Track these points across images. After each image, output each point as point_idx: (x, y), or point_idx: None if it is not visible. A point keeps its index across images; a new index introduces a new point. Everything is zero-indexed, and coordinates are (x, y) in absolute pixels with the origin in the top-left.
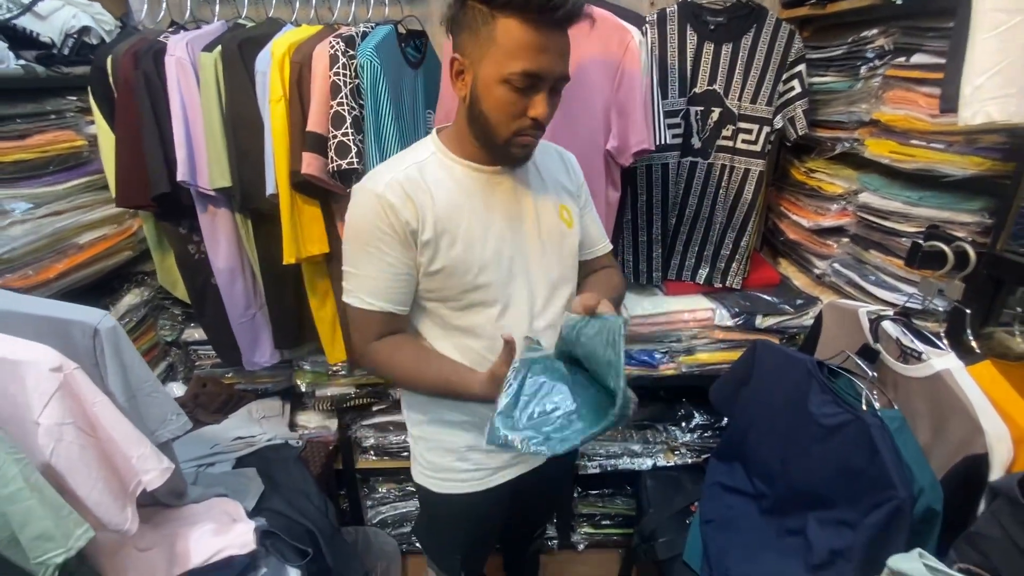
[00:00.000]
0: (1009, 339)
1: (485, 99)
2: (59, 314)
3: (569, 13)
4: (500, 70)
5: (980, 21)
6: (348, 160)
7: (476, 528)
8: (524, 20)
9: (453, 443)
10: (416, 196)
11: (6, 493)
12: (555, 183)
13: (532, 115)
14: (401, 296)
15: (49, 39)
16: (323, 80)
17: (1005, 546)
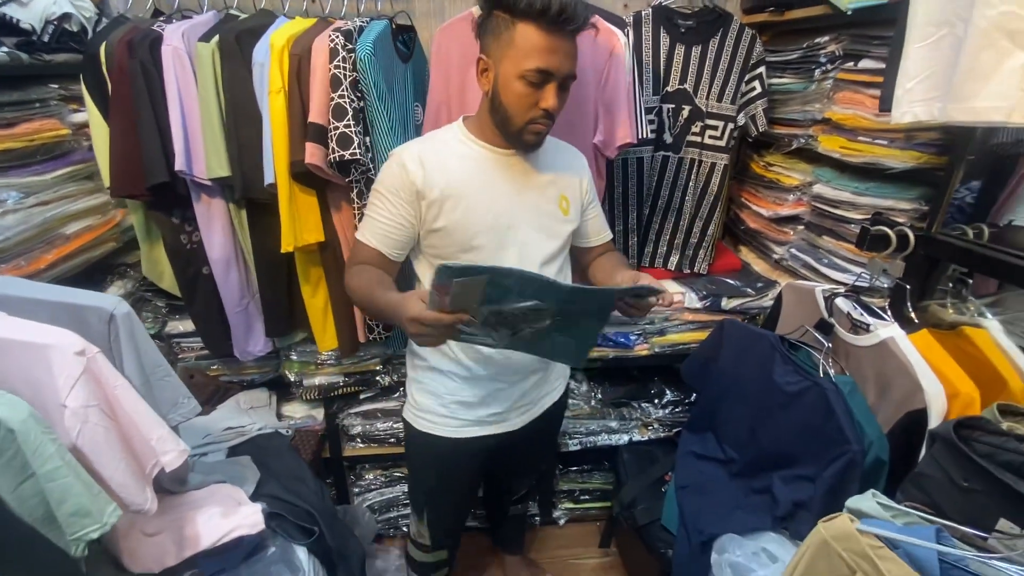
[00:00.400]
0: (941, 311)
1: (504, 92)
2: (74, 300)
3: (577, 24)
4: (518, 67)
5: (913, 33)
6: (351, 151)
7: (443, 472)
8: (539, 27)
9: (438, 389)
10: (428, 163)
11: (44, 471)
12: (562, 176)
13: (543, 106)
14: (392, 241)
15: (29, 26)
16: (323, 73)
17: (943, 483)
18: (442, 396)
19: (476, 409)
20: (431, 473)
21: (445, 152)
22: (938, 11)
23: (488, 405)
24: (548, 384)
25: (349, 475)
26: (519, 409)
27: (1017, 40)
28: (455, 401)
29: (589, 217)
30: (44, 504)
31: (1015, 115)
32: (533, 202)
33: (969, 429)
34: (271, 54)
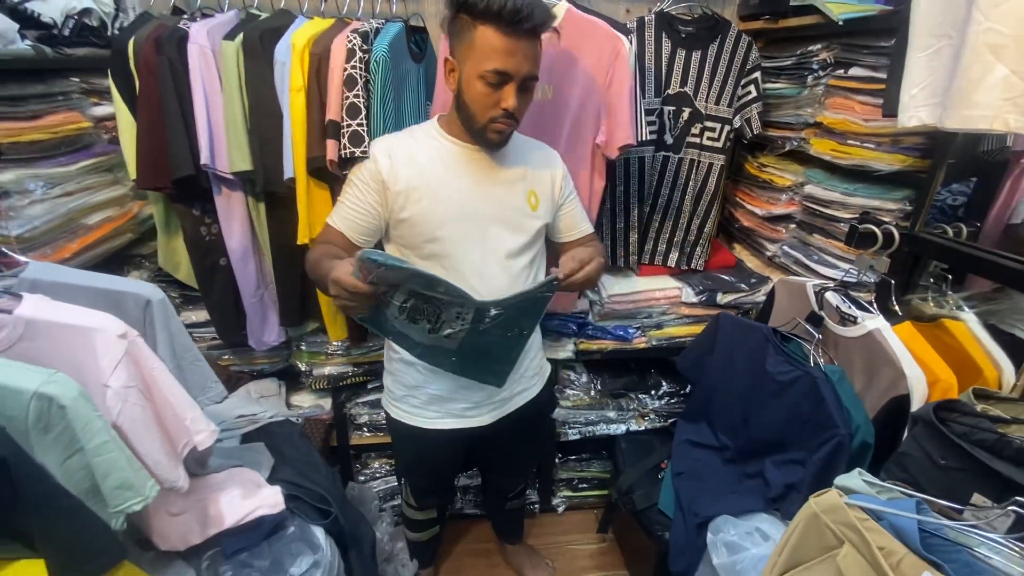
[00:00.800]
0: (923, 304)
1: (467, 92)
2: (113, 286)
3: (535, 25)
4: (477, 68)
5: (915, 43)
6: (361, 149)
7: (420, 455)
8: (497, 28)
9: (408, 380)
10: (396, 156)
11: (92, 445)
12: (532, 173)
13: (503, 106)
14: (357, 227)
15: (51, 19)
16: (340, 72)
17: (923, 461)
18: (413, 388)
19: (446, 403)
20: (409, 453)
21: (415, 147)
22: (936, 24)
23: (456, 400)
24: (520, 383)
25: (355, 463)
26: (488, 405)
27: (999, 54)
28: (425, 393)
29: (564, 212)
30: (90, 477)
31: (996, 123)
32: (500, 197)
33: (947, 411)
34: (292, 53)
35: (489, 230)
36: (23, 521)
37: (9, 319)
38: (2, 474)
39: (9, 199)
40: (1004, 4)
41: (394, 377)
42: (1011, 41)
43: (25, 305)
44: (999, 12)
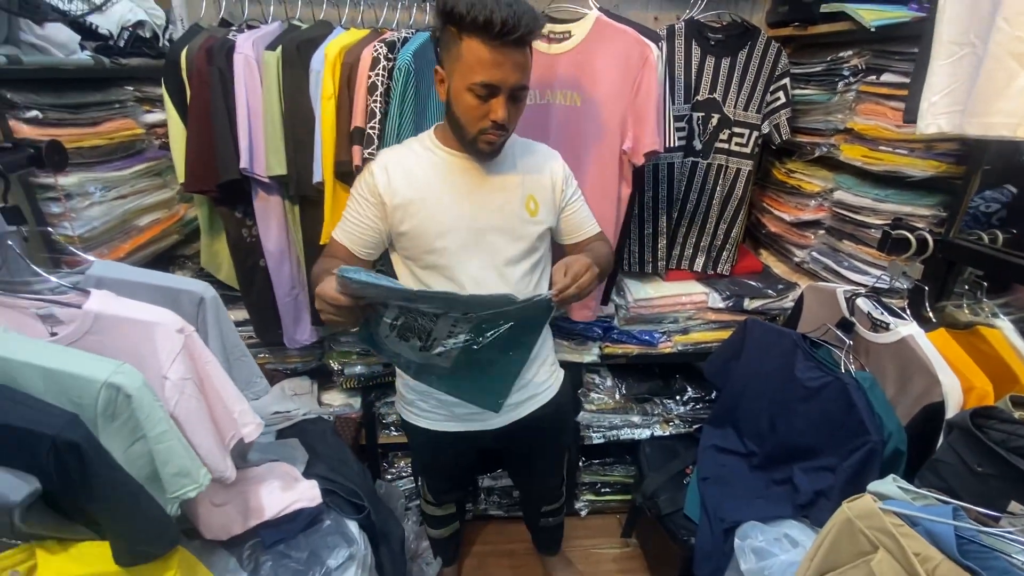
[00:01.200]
0: (958, 311)
1: (456, 104)
2: (170, 284)
3: (521, 35)
4: (465, 80)
5: (938, 50)
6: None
7: (433, 455)
8: (483, 41)
9: (417, 385)
10: (392, 170)
11: (154, 433)
12: (529, 178)
13: (492, 118)
14: (359, 240)
15: (107, 31)
16: (364, 80)
17: (959, 468)
18: (420, 393)
19: (451, 407)
20: (422, 454)
21: (411, 160)
22: (961, 31)
23: (461, 404)
24: (528, 389)
25: (382, 462)
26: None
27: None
28: (433, 397)
29: (567, 214)
30: (151, 464)
31: (1020, 130)
32: (497, 204)
33: (984, 418)
34: (325, 63)
35: (486, 238)
36: (91, 504)
37: (79, 313)
38: (76, 459)
39: (72, 201)
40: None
41: (403, 381)
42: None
43: (93, 301)
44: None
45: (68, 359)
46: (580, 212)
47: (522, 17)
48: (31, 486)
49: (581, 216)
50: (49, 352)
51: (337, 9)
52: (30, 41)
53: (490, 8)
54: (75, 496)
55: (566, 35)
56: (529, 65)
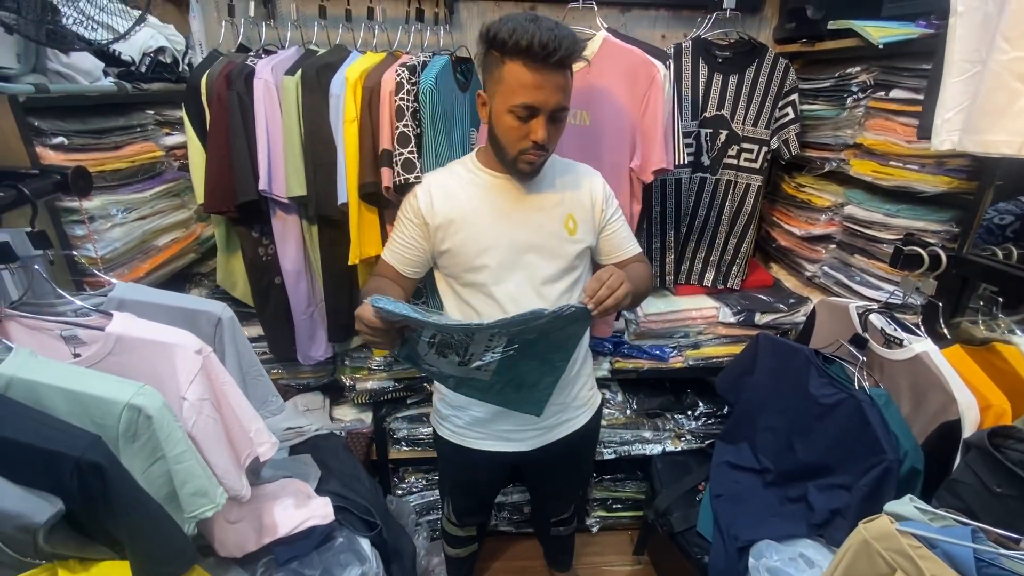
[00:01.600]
0: (973, 327)
1: (497, 125)
2: (188, 305)
3: (561, 58)
4: (506, 102)
5: (951, 68)
6: (415, 175)
7: (464, 474)
8: (524, 63)
9: (455, 401)
10: (435, 192)
11: (174, 454)
12: (569, 197)
13: (532, 139)
14: (405, 259)
15: (129, 58)
16: (390, 104)
17: (977, 489)
18: (459, 408)
19: (488, 424)
20: (452, 471)
21: (453, 181)
22: (972, 49)
23: (499, 422)
24: (565, 412)
25: (392, 477)
26: (531, 430)
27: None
28: (469, 415)
29: (607, 234)
30: (169, 484)
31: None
32: (537, 224)
33: (1002, 437)
34: (346, 87)
35: (525, 257)
36: (112, 525)
37: (101, 335)
38: (98, 479)
39: (94, 223)
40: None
41: (441, 396)
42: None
43: (115, 323)
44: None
45: (91, 381)
46: (620, 232)
47: (563, 40)
48: (55, 507)
49: (621, 236)
50: (73, 374)
51: (352, 33)
52: (56, 69)
53: (531, 32)
54: (97, 516)
55: None
56: (569, 87)
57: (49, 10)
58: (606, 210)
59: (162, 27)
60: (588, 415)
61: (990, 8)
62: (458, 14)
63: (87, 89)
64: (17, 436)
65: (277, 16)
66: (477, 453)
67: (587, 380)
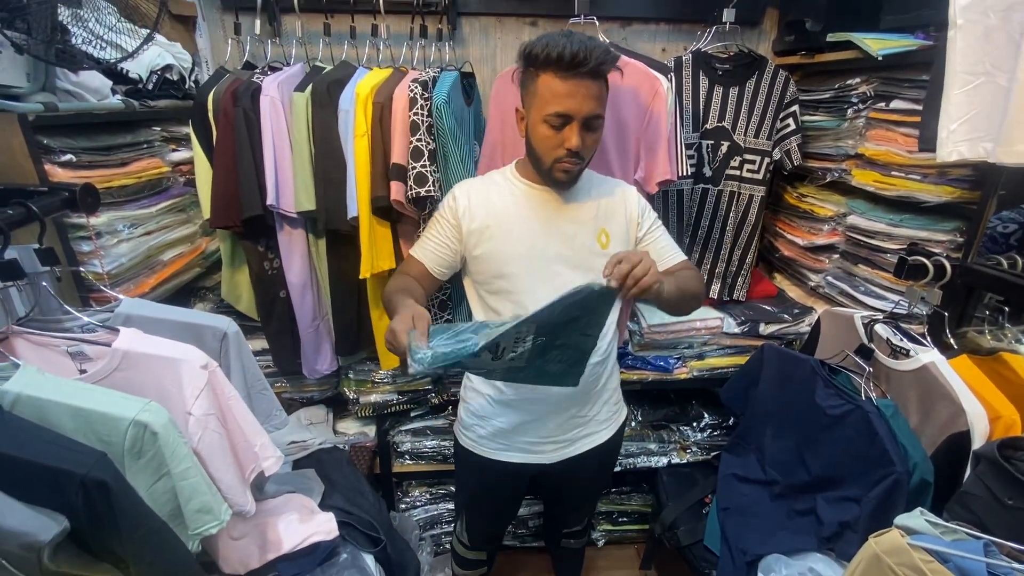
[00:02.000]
0: (980, 337)
1: (533, 136)
2: (194, 320)
3: (593, 68)
4: (541, 113)
5: (952, 80)
6: (426, 188)
7: (482, 487)
8: (556, 74)
9: (479, 410)
10: (474, 197)
11: (179, 470)
12: (603, 211)
13: (567, 146)
14: (436, 258)
15: (137, 75)
16: (404, 119)
17: (988, 501)
18: (482, 418)
19: (511, 436)
20: (472, 484)
21: (492, 189)
22: (974, 61)
23: (522, 433)
24: (588, 426)
25: (396, 491)
26: (553, 443)
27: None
28: (492, 425)
29: (646, 244)
30: (173, 500)
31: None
32: (569, 236)
33: (1012, 449)
34: (356, 102)
35: (555, 267)
36: (117, 542)
37: (107, 351)
38: (104, 497)
39: (101, 239)
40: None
41: (465, 405)
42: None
43: (121, 339)
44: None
45: (97, 397)
46: (660, 241)
47: (594, 50)
48: (60, 525)
49: (661, 245)
50: (79, 391)
51: (356, 49)
52: (65, 88)
53: (563, 44)
54: (102, 534)
55: None
56: (603, 96)
57: (59, 30)
58: (642, 223)
59: (169, 45)
60: (612, 430)
61: (991, 21)
62: (460, 29)
63: (95, 107)
64: (23, 454)
65: (282, 33)
66: (498, 464)
67: (612, 394)
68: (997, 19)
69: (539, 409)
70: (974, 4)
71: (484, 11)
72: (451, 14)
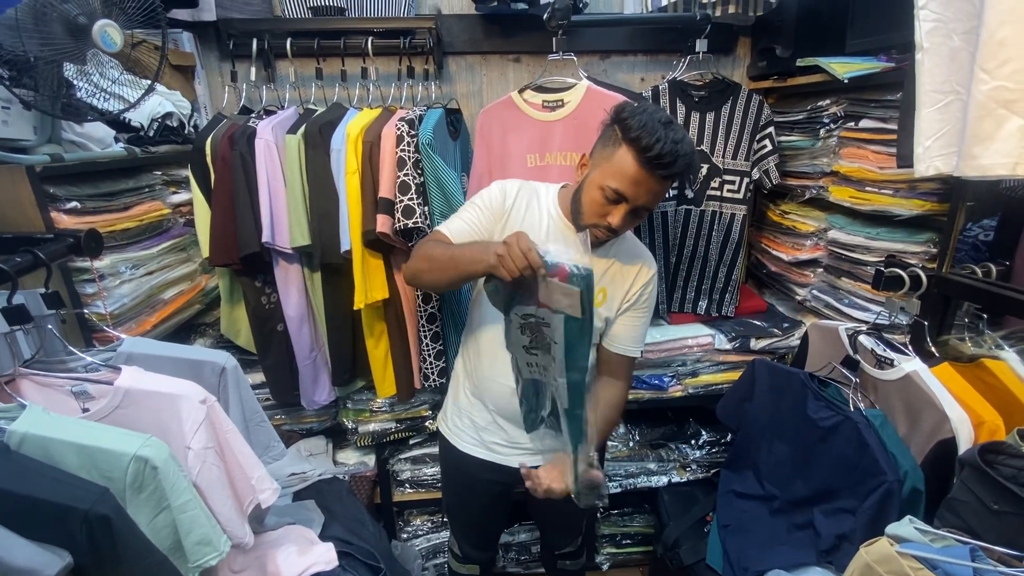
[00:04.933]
0: (960, 344)
1: (585, 192)
2: (193, 356)
3: (670, 172)
4: (603, 179)
5: (923, 100)
6: (413, 220)
7: (460, 485)
8: (637, 158)
9: (460, 402)
10: (518, 200)
11: (179, 503)
12: (614, 272)
13: (609, 220)
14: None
15: (139, 124)
16: (391, 155)
17: (975, 506)
18: (460, 410)
19: (481, 432)
20: (451, 483)
21: (534, 201)
22: (942, 81)
23: (490, 433)
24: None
25: (397, 520)
26: (518, 450)
27: (1013, 108)
28: (468, 418)
29: (621, 319)
30: (174, 534)
31: (1019, 168)
32: None
33: (993, 454)
34: (347, 142)
35: None
36: None
37: (110, 389)
38: (107, 532)
39: (104, 281)
40: (1008, 64)
41: (451, 396)
42: (1021, 96)
43: (123, 377)
44: (1005, 71)
45: (99, 435)
46: (632, 327)
47: (679, 158)
48: (63, 560)
49: (630, 331)
50: (82, 428)
51: (347, 90)
52: (70, 138)
53: (657, 137)
54: (105, 569)
55: (559, 103)
56: (662, 195)
57: (64, 85)
58: (638, 296)
59: (169, 94)
60: None
61: (955, 43)
62: (447, 68)
63: (99, 156)
64: (29, 491)
65: (276, 78)
66: (473, 460)
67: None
68: (960, 41)
69: (499, 411)
70: (938, 28)
71: (469, 50)
72: (437, 54)
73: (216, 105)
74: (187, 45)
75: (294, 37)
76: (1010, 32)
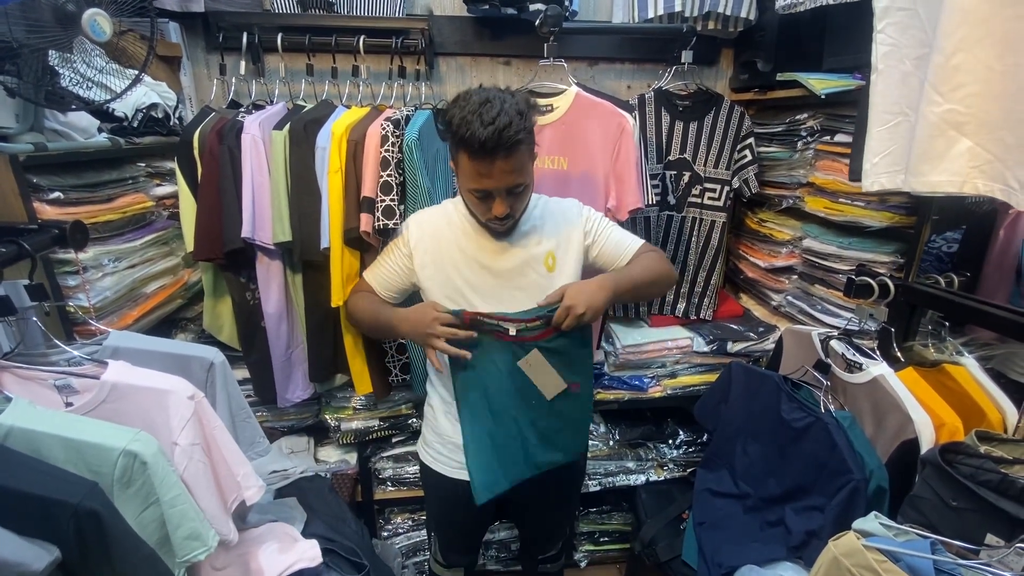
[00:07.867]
0: (924, 350)
1: (464, 197)
2: (181, 351)
3: (505, 150)
4: (464, 185)
5: (874, 119)
6: (394, 222)
7: (446, 506)
8: (469, 155)
9: (440, 428)
10: (424, 227)
11: (168, 498)
12: (550, 234)
13: (494, 214)
14: (387, 283)
15: (123, 114)
16: (375, 155)
17: (936, 503)
18: (440, 435)
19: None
20: (436, 503)
21: (443, 221)
22: (892, 102)
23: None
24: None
25: (378, 518)
26: None
27: (962, 130)
28: (451, 443)
29: (598, 251)
30: (161, 528)
31: (966, 187)
32: (517, 266)
33: (953, 453)
34: (332, 140)
35: (507, 292)
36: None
37: (95, 383)
38: (95, 526)
39: (87, 273)
40: (961, 89)
41: (428, 423)
42: (971, 119)
43: (110, 371)
44: (958, 95)
45: (87, 429)
46: (611, 239)
47: (503, 131)
48: (52, 555)
49: (613, 242)
50: (70, 422)
51: (337, 87)
52: (53, 127)
53: (472, 129)
54: (92, 563)
55: (549, 108)
56: (522, 163)
57: (48, 73)
58: (588, 230)
59: (155, 84)
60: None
61: (906, 67)
62: (437, 68)
63: (83, 146)
64: (16, 485)
65: (266, 73)
66: (459, 484)
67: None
68: (911, 65)
69: None
70: (892, 52)
71: (460, 51)
72: (428, 54)
73: (202, 97)
74: (173, 36)
75: (285, 32)
76: (964, 59)
